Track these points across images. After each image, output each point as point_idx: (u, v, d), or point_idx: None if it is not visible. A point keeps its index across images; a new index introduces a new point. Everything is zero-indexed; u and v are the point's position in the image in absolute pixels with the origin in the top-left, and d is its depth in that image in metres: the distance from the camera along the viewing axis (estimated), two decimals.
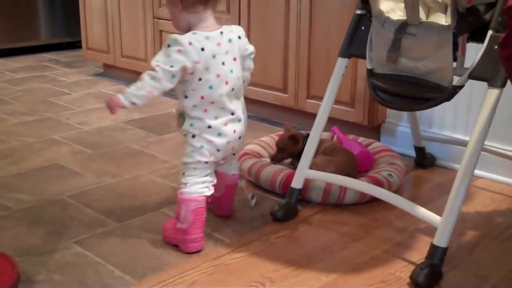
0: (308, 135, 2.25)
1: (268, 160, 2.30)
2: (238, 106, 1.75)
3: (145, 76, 1.62)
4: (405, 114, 2.51)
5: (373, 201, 2.01)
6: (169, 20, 3.23)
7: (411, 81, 1.77)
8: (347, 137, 2.44)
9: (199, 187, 1.71)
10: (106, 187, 2.17)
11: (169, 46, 1.60)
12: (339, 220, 1.94)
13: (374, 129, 2.63)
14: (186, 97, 1.67)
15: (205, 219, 1.72)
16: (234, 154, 1.85)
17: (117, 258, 1.67)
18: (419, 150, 2.41)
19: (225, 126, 1.71)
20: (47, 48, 4.71)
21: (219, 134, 1.71)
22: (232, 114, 1.73)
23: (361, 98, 2.57)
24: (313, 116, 2.01)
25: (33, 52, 4.62)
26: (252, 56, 1.80)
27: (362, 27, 1.91)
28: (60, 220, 1.90)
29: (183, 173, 1.74)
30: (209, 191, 1.73)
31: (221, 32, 1.67)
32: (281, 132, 2.51)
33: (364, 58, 1.90)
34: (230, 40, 1.68)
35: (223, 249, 1.73)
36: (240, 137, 1.77)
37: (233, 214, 1.96)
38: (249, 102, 3.01)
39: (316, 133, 1.93)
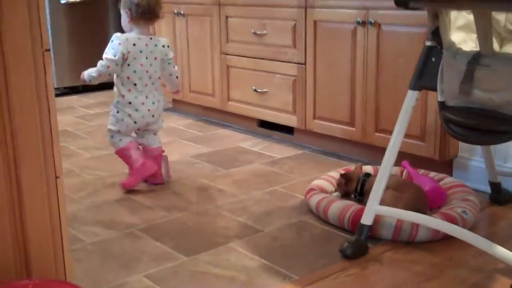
0: (366, 173, 2.22)
1: (335, 195, 2.27)
2: (154, 93, 2.50)
3: (98, 65, 2.42)
4: (479, 148, 2.42)
5: (447, 239, 1.94)
6: (237, 55, 3.33)
7: (486, 113, 1.71)
8: (417, 172, 2.38)
9: (126, 140, 2.50)
10: (174, 220, 2.19)
11: (112, 41, 2.42)
12: (411, 258, 1.87)
13: (446, 164, 2.55)
14: (117, 76, 2.46)
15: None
16: (154, 134, 2.59)
17: None
18: (495, 186, 2.32)
19: (142, 105, 2.46)
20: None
21: (136, 110, 2.46)
22: (147, 97, 2.48)
23: (431, 132, 2.50)
24: (381, 150, 1.98)
25: (107, 88, 4.80)
26: (171, 61, 2.54)
27: (433, 59, 1.87)
28: (131, 253, 1.93)
29: (111, 136, 2.52)
30: (130, 141, 2.50)
31: (151, 38, 2.48)
32: (349, 167, 2.48)
33: (435, 90, 1.85)
34: (155, 45, 2.49)
35: (291, 286, 1.71)
36: (153, 116, 2.50)
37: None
38: (316, 136, 3.04)
39: (386, 168, 1.89)
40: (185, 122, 3.71)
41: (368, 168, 2.46)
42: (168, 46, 2.52)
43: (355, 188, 2.21)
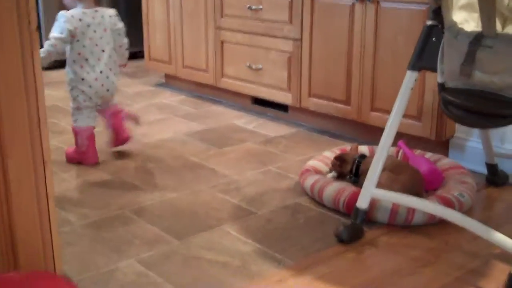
0: (362, 155, 2.18)
1: (330, 175, 2.23)
2: (107, 67, 2.46)
3: (45, 45, 2.35)
4: (476, 129, 2.38)
5: (443, 222, 1.91)
6: (231, 30, 3.25)
7: (486, 96, 1.66)
8: (413, 152, 2.34)
9: (86, 121, 2.49)
10: (166, 202, 2.15)
11: (58, 19, 2.38)
12: (407, 242, 1.84)
13: (442, 144, 2.52)
14: (68, 54, 2.42)
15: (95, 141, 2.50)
16: (111, 102, 2.56)
17: (178, 278, 1.64)
18: (491, 167, 2.29)
19: (95, 81, 2.43)
20: None
21: (90, 86, 2.43)
22: (101, 72, 2.44)
23: (428, 112, 2.46)
24: (377, 129, 1.94)
25: None
26: (121, 32, 2.53)
27: (433, 39, 1.82)
28: (122, 236, 1.89)
29: (72, 113, 2.50)
30: (94, 122, 2.52)
31: (96, 11, 2.45)
32: (345, 147, 2.44)
33: (435, 71, 1.80)
34: (102, 17, 2.45)
35: (285, 272, 1.68)
36: (108, 90, 2.48)
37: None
38: (311, 114, 2.99)
39: (383, 150, 1.85)
40: (178, 98, 3.65)
41: (363, 149, 2.42)
42: (116, 16, 2.52)
43: (350, 170, 2.17)
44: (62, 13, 2.40)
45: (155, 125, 3.10)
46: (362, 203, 1.85)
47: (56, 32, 2.37)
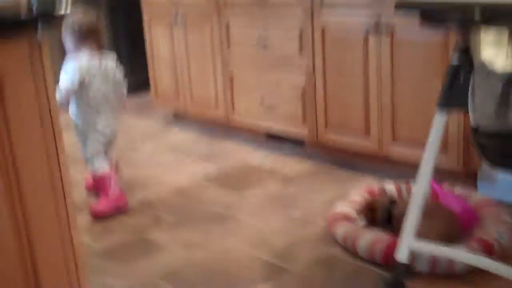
0: (392, 201, 2.11)
1: (362, 222, 2.15)
2: (112, 114, 2.57)
3: (57, 95, 2.34)
4: None
5: None
6: (240, 64, 3.18)
7: None
8: (443, 189, 2.27)
9: (106, 166, 2.56)
10: (196, 264, 2.07)
11: (66, 68, 2.45)
12: None
13: (470, 175, 2.44)
14: (75, 101, 2.49)
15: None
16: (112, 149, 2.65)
17: None
18: None
19: (106, 128, 2.54)
20: None
21: (102, 133, 2.53)
22: (107, 119, 2.54)
23: (454, 142, 2.39)
24: (399, 163, 1.85)
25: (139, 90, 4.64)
26: (121, 82, 2.62)
27: (461, 80, 1.75)
28: None
29: (90, 162, 2.56)
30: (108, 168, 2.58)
31: (100, 60, 2.51)
32: (371, 187, 2.36)
33: (466, 112, 1.73)
34: (106, 66, 2.53)
35: None
36: (113, 135, 2.59)
37: None
38: (329, 147, 2.89)
39: (418, 199, 1.77)
40: (188, 136, 3.58)
41: (389, 187, 2.34)
42: (116, 65, 2.60)
43: (381, 217, 2.09)
44: (70, 62, 2.46)
45: (169, 168, 3.03)
46: (402, 256, 1.77)
47: (65, 82, 2.42)
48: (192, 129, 3.69)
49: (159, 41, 3.70)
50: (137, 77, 4.57)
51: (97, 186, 2.56)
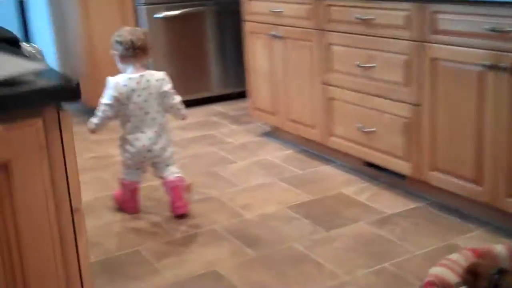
0: (500, 269, 1.80)
1: None
2: (151, 129, 2.57)
3: (99, 111, 2.56)
4: None
5: None
6: (340, 88, 2.96)
7: None
8: None
9: (130, 176, 2.66)
10: None
11: (107, 86, 2.54)
12: None
13: None
14: (116, 116, 2.58)
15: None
16: (167, 165, 2.64)
17: None
18: None
19: (136, 141, 2.57)
20: (218, 99, 4.66)
21: (132, 146, 2.57)
22: (143, 132, 2.56)
23: None
24: None
25: (206, 103, 4.59)
26: (167, 94, 2.59)
27: None
28: None
29: (122, 166, 2.68)
30: (139, 178, 2.68)
31: (141, 75, 2.55)
32: (476, 248, 2.06)
33: None
34: (148, 81, 2.55)
35: None
36: (149, 151, 2.58)
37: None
38: (433, 186, 2.59)
39: None
40: (283, 154, 3.41)
41: (499, 249, 2.02)
42: (163, 80, 2.59)
43: (485, 287, 1.80)
44: (109, 80, 2.54)
45: (259, 193, 2.88)
46: None
47: (104, 98, 2.55)
48: (288, 146, 3.52)
49: (258, 53, 3.55)
50: (243, 83, 4.47)
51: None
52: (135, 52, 2.53)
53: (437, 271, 1.96)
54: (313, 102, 3.19)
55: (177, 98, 2.64)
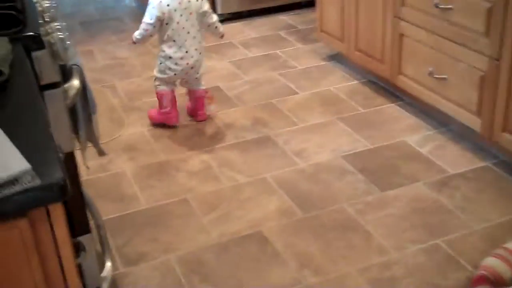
0: None
1: None
2: (195, 47, 2.68)
3: (140, 28, 2.68)
4: None
5: None
6: (413, 25, 2.67)
7: None
8: None
9: (168, 86, 2.77)
10: None
11: (149, 4, 2.62)
12: None
13: None
14: (159, 33, 2.68)
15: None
16: (196, 78, 2.79)
17: None
18: None
19: (181, 60, 2.68)
20: (287, 7, 4.39)
21: (176, 64, 2.69)
22: (187, 52, 2.67)
23: None
24: None
25: (275, 12, 4.35)
26: (207, 14, 2.69)
27: None
28: None
29: (155, 79, 2.78)
30: (175, 87, 2.81)
31: None
32: None
33: None
34: (189, 1, 2.62)
35: None
36: (192, 68, 2.72)
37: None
38: (505, 150, 2.31)
39: None
40: (348, 85, 3.21)
41: None
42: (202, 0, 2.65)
43: None
44: (151, 0, 2.61)
45: (315, 135, 2.74)
46: None
47: (147, 17, 2.62)
48: (354, 74, 3.31)
49: None
50: None
51: (157, 98, 2.83)
52: None
53: (491, 263, 1.83)
54: (383, 35, 2.92)
55: (215, 17, 2.75)
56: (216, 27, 2.77)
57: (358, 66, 3.28)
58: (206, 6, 2.68)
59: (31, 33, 1.33)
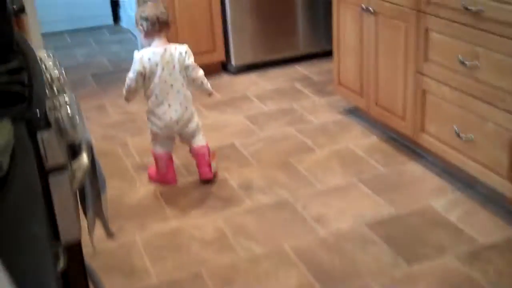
0: None
1: None
2: (176, 101, 2.63)
3: (125, 84, 2.66)
4: None
5: None
6: (437, 81, 2.55)
7: None
8: None
9: (162, 148, 2.73)
10: None
11: (133, 59, 2.61)
12: None
13: None
14: (143, 88, 2.67)
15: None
16: (190, 133, 2.72)
17: None
18: None
19: (164, 114, 2.63)
20: (303, 58, 4.31)
21: (159, 119, 2.65)
22: (169, 106, 2.62)
23: None
24: None
25: (290, 62, 4.27)
26: (190, 67, 2.64)
27: None
28: None
29: (151, 139, 2.76)
30: (170, 149, 2.76)
31: (165, 49, 2.60)
32: None
33: None
34: (171, 55, 2.60)
35: None
36: (178, 123, 2.66)
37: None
38: None
39: None
40: (367, 142, 3.08)
41: None
42: (186, 53, 2.63)
43: None
44: (135, 54, 2.63)
45: (335, 198, 2.61)
46: None
47: (130, 72, 2.64)
48: (373, 130, 3.19)
49: (347, 25, 3.16)
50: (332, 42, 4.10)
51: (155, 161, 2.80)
52: (160, 27, 2.61)
53: None
54: (405, 91, 2.81)
55: (201, 72, 2.69)
56: (201, 82, 2.70)
57: (377, 121, 3.16)
58: (190, 60, 2.64)
59: (37, 112, 1.22)
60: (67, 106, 1.37)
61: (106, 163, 3.05)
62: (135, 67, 2.61)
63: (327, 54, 4.08)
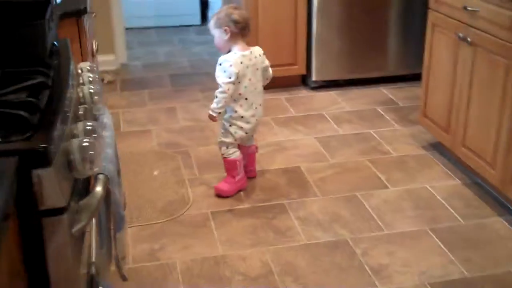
0: None
1: None
2: (260, 102, 2.65)
3: (218, 94, 2.55)
4: None
5: None
6: None
7: None
8: None
9: (238, 154, 2.67)
10: None
11: (221, 64, 2.54)
12: None
13: None
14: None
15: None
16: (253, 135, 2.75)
17: None
18: None
19: (252, 117, 2.62)
20: (391, 79, 3.99)
21: (248, 122, 2.62)
22: (256, 108, 2.63)
23: None
24: None
25: (377, 83, 3.97)
26: (268, 68, 2.66)
27: None
28: None
29: (225, 147, 2.64)
30: (240, 154, 2.68)
31: (250, 52, 2.59)
32: None
33: None
34: (255, 57, 2.60)
35: None
36: (259, 123, 2.71)
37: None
38: None
39: None
40: (449, 185, 2.75)
41: None
42: (263, 54, 2.63)
43: None
44: (224, 58, 2.54)
45: (401, 248, 2.31)
46: None
47: (224, 77, 2.52)
48: (456, 174, 2.85)
49: (440, 53, 2.84)
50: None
51: (227, 168, 2.69)
52: (247, 31, 2.59)
53: None
54: (498, 135, 2.46)
55: (270, 70, 2.70)
56: (271, 77, 2.73)
57: (462, 162, 2.82)
58: (267, 61, 2.67)
59: (35, 148, 1.05)
60: (87, 134, 1.20)
61: (162, 171, 2.91)
62: (233, 69, 2.51)
63: (417, 77, 3.74)
